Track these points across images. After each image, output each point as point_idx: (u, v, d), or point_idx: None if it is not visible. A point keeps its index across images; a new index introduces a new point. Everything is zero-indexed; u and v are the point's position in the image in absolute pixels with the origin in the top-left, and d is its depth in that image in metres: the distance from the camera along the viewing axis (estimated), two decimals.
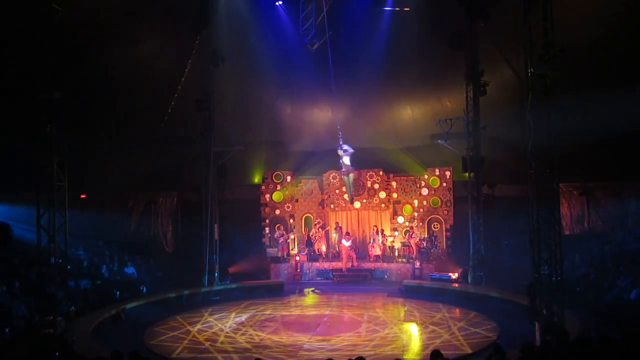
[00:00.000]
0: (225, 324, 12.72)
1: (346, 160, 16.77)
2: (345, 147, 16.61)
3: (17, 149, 12.71)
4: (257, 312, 13.92)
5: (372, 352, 10.18)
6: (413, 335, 11.85)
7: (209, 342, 11.14)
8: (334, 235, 19.81)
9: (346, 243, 18.54)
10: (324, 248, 19.50)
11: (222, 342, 11.16)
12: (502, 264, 15.71)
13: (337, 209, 20.12)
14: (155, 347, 10.77)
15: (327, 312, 13.88)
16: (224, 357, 10.21)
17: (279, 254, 19.06)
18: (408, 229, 19.45)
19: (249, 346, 10.86)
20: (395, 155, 19.92)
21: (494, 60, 16.09)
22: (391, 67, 17.91)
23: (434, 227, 19.53)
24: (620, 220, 16.87)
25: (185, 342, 11.21)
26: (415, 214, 19.67)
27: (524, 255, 11.23)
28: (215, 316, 13.48)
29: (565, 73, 9.71)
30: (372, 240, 18.88)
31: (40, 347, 8.54)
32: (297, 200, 20.40)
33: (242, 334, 11.77)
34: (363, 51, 17.67)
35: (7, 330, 9.83)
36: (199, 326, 12.48)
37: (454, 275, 16.49)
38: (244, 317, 13.32)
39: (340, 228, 19.63)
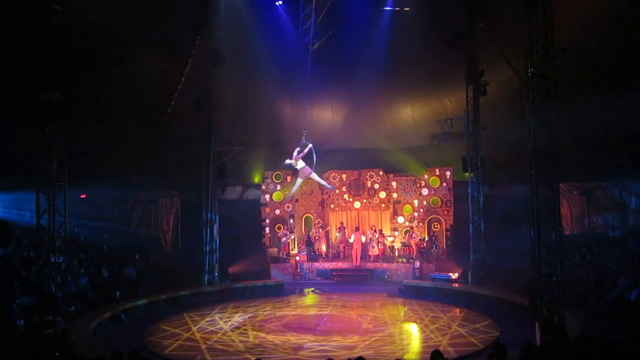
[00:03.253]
0: (225, 323, 12.72)
1: (300, 164, 15.89)
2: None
3: (17, 149, 12.72)
4: (257, 312, 13.92)
5: (372, 352, 10.16)
6: (413, 335, 11.85)
7: (208, 342, 11.12)
8: (336, 235, 19.80)
9: (363, 238, 18.54)
10: (324, 248, 19.52)
11: (221, 342, 11.14)
12: (502, 263, 15.69)
13: (337, 209, 20.12)
14: (154, 347, 10.75)
15: (327, 312, 13.87)
16: (224, 357, 10.20)
17: (280, 254, 19.08)
18: (408, 229, 19.47)
19: (249, 346, 10.84)
20: (395, 155, 19.90)
21: (494, 60, 16.06)
22: (391, 67, 17.88)
23: (434, 227, 19.56)
24: (620, 220, 16.90)
25: (185, 342, 11.19)
26: (415, 214, 19.69)
27: (524, 255, 11.22)
28: (215, 316, 13.47)
29: (565, 73, 9.69)
30: (370, 240, 18.89)
31: (40, 347, 8.53)
32: (297, 200, 20.41)
33: (242, 334, 11.77)
34: (363, 51, 17.65)
35: (7, 330, 9.82)
36: (198, 325, 12.47)
37: (454, 275, 16.50)
38: (243, 317, 13.31)
39: (344, 228, 19.60)
